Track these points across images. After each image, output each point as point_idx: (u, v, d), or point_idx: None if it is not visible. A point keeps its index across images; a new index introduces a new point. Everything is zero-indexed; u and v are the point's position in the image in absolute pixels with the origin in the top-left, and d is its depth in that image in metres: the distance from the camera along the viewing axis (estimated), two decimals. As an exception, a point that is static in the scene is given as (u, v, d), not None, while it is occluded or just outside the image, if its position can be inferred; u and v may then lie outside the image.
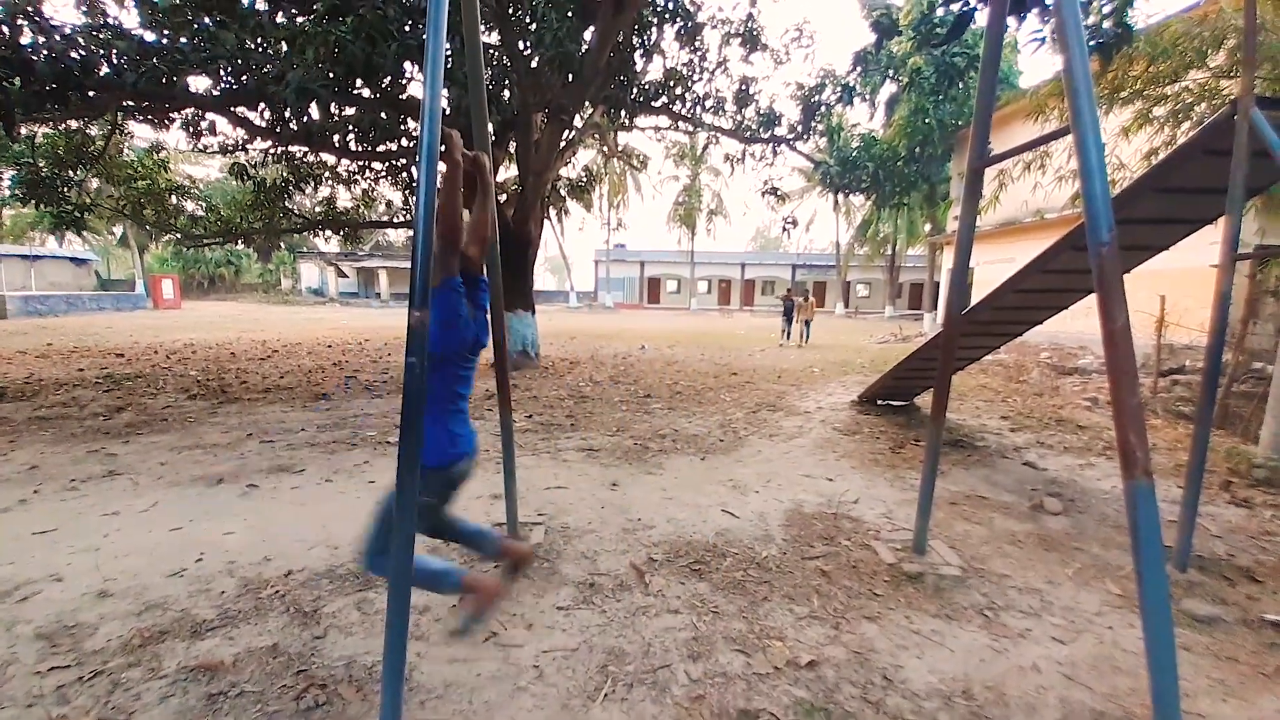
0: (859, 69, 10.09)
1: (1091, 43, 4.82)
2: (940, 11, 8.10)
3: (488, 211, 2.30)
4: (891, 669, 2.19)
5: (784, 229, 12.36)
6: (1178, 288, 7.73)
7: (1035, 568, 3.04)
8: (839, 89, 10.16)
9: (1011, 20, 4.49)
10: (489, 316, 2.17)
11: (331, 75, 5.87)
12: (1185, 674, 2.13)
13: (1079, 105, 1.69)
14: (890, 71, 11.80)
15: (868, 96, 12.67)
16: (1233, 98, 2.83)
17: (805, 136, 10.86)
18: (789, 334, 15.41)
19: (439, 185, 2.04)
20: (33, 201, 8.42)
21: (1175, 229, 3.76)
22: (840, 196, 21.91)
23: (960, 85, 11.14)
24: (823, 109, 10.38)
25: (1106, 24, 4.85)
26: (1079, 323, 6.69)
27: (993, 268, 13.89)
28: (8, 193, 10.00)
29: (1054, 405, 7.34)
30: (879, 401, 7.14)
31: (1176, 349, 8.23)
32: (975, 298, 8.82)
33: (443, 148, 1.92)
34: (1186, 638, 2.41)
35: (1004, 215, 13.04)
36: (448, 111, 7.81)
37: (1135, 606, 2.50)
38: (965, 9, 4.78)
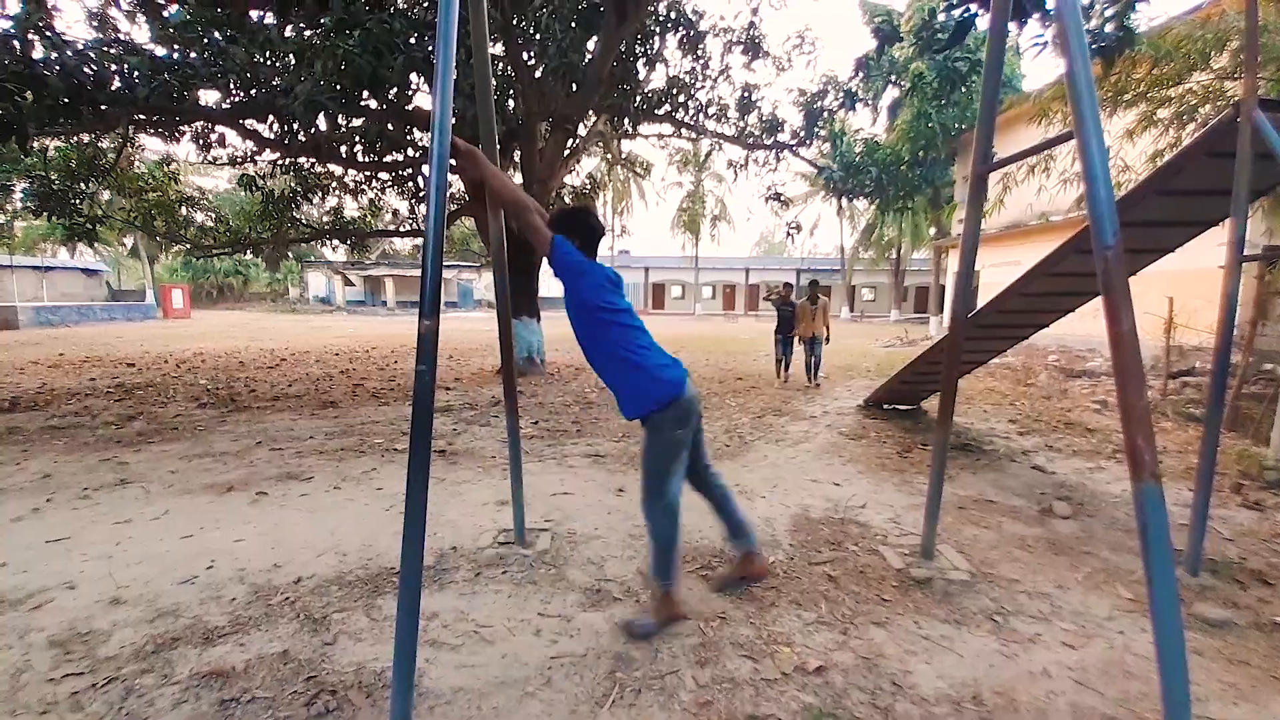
0: (861, 74, 10.14)
1: (1094, 46, 4.83)
2: (942, 17, 8.13)
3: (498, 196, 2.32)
4: (900, 674, 2.18)
5: (788, 234, 12.39)
6: (1186, 289, 7.68)
7: (1045, 572, 3.03)
8: (841, 95, 10.20)
9: (1013, 25, 4.51)
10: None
11: (339, 88, 5.94)
12: (1196, 678, 2.11)
13: (1081, 110, 1.70)
14: (892, 77, 11.84)
15: (870, 101, 12.67)
16: (1235, 100, 2.83)
17: (808, 142, 10.90)
18: (788, 363, 9.18)
19: (485, 181, 2.07)
20: (45, 214, 8.55)
21: (1180, 231, 3.75)
22: (844, 201, 21.95)
23: (963, 89, 11.16)
24: (825, 115, 10.42)
25: (1109, 27, 4.86)
26: (1087, 325, 6.66)
27: (998, 271, 13.85)
28: (20, 205, 10.16)
29: (1062, 408, 7.30)
30: (885, 406, 7.12)
31: (1186, 351, 8.18)
32: (981, 301, 8.80)
33: (453, 161, 1.96)
34: (1198, 642, 2.39)
35: (1008, 219, 13.01)
36: (454, 122, 7.88)
37: (1146, 610, 2.48)
38: (966, 14, 4.80)
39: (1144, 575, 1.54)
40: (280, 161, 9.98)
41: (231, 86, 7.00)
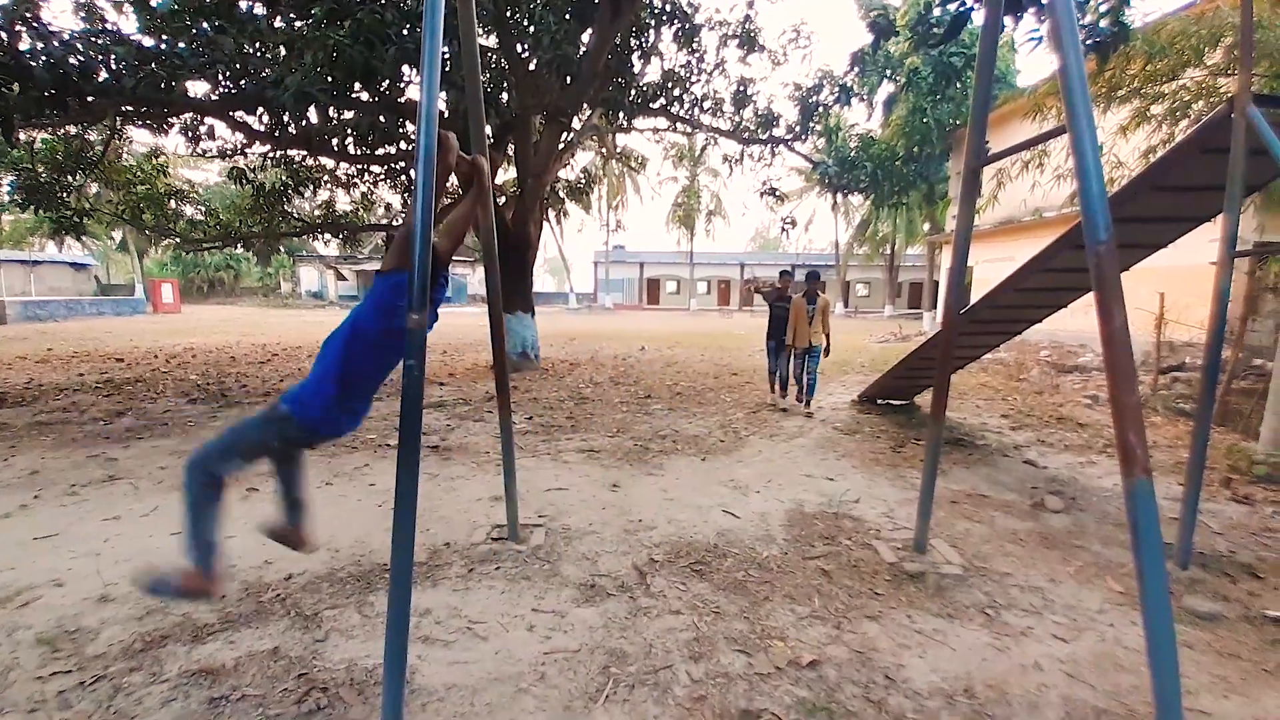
0: (856, 69, 10.09)
1: (1088, 42, 4.82)
2: (937, 11, 8.11)
3: (473, 211, 2.28)
4: (893, 668, 2.19)
5: (783, 229, 12.37)
6: (1177, 285, 7.73)
7: (1037, 566, 3.04)
8: (837, 89, 10.17)
9: (1008, 20, 4.49)
10: (439, 310, 2.13)
11: (330, 79, 5.87)
12: (1187, 671, 2.13)
13: (1074, 106, 1.69)
14: (888, 71, 11.82)
15: (865, 96, 12.65)
16: (1230, 95, 2.83)
17: (803, 137, 10.87)
18: (785, 376, 7.06)
19: (470, 194, 2.05)
20: (32, 207, 8.42)
21: (1173, 227, 3.77)
22: (839, 196, 21.95)
23: (958, 85, 11.13)
24: (820, 109, 10.39)
25: (1103, 23, 4.85)
26: (1078, 320, 6.69)
27: (991, 266, 13.90)
28: (7, 198, 10.00)
29: (1054, 403, 7.34)
30: (879, 401, 7.14)
31: (1176, 346, 8.23)
32: (974, 296, 8.83)
33: (442, 152, 1.93)
34: (1188, 635, 2.41)
35: (1002, 214, 13.05)
36: (446, 114, 7.82)
37: (1137, 604, 2.50)
38: (962, 9, 4.78)
39: (1135, 569, 1.54)
40: (271, 154, 9.86)
41: (220, 77, 6.89)
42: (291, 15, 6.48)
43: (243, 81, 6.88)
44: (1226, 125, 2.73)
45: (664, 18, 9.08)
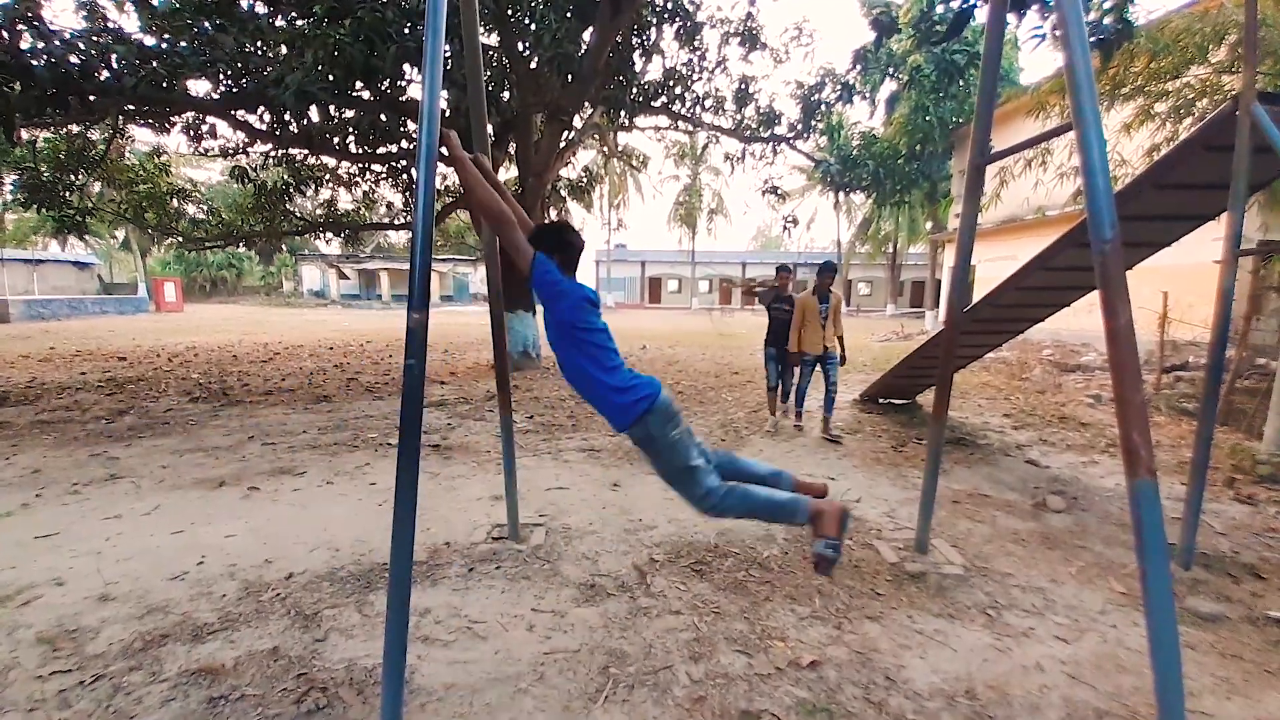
0: (859, 67, 10.08)
1: (1092, 39, 4.80)
2: (940, 9, 8.08)
3: (510, 201, 2.30)
4: (894, 669, 2.18)
5: (785, 228, 12.35)
6: (1181, 284, 7.70)
7: (1038, 566, 3.03)
8: (839, 87, 10.15)
9: (1011, 17, 4.47)
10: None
11: (331, 78, 5.87)
12: (1190, 672, 2.12)
13: (1081, 102, 1.68)
14: (890, 69, 11.77)
15: (867, 94, 12.60)
16: (1234, 93, 2.81)
17: (805, 135, 10.85)
18: (787, 390, 6.11)
19: (462, 183, 2.05)
20: (35, 206, 8.44)
21: (1177, 225, 3.75)
22: (841, 195, 21.89)
23: (961, 83, 11.11)
24: (822, 107, 10.37)
25: (1108, 20, 4.83)
26: (1081, 319, 6.67)
27: (994, 265, 13.86)
28: (10, 197, 10.03)
29: (1056, 402, 7.32)
30: (881, 400, 7.12)
31: (1180, 345, 8.20)
32: (977, 295, 8.80)
33: (442, 149, 1.93)
34: (1191, 636, 2.40)
35: (1005, 213, 13.01)
36: (447, 113, 7.81)
37: (1139, 605, 2.49)
38: (965, 6, 4.77)
39: (1137, 569, 1.53)
40: (272, 153, 9.87)
41: (221, 76, 6.91)
42: (292, 14, 6.49)
43: (244, 80, 6.89)
44: (1231, 123, 2.71)
45: (665, 15, 9.07)
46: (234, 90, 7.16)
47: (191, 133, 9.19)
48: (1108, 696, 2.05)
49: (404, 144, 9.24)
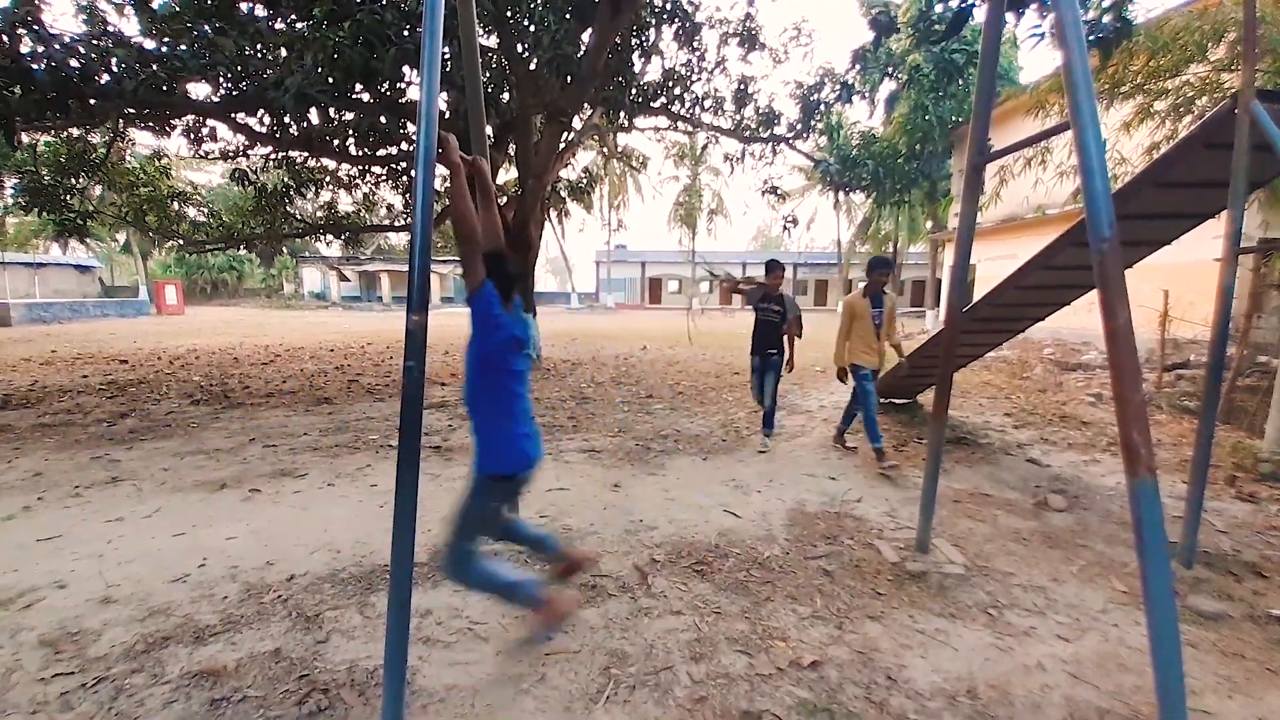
0: (858, 67, 10.07)
1: (1091, 38, 4.80)
2: (939, 8, 8.08)
3: (492, 213, 2.32)
4: (895, 668, 2.18)
5: (784, 228, 12.34)
6: (1182, 282, 7.69)
7: (1039, 565, 3.03)
8: (838, 87, 10.14)
9: (1010, 16, 4.47)
10: (526, 314, 2.21)
11: (330, 80, 5.87)
12: (1191, 671, 2.12)
13: (1078, 102, 1.68)
14: (889, 69, 11.77)
15: (867, 94, 12.60)
16: (1233, 91, 2.81)
17: (805, 135, 10.85)
18: (772, 411, 5.30)
19: (450, 190, 2.07)
20: (36, 209, 8.46)
21: (1177, 224, 3.74)
22: (841, 195, 21.87)
23: (960, 82, 11.10)
24: (822, 107, 10.37)
25: (1106, 18, 4.82)
26: (1082, 318, 6.66)
27: (994, 264, 13.85)
28: (11, 201, 10.04)
29: (1057, 401, 7.31)
30: (881, 400, 7.11)
31: (1181, 343, 8.19)
32: (977, 295, 8.80)
33: (440, 151, 1.93)
34: (1192, 634, 2.40)
35: (1005, 212, 13.00)
36: (447, 115, 7.82)
37: (1141, 603, 2.49)
38: (963, 5, 4.76)
39: (1139, 568, 1.53)
40: (272, 155, 9.88)
41: (221, 79, 6.91)
42: (292, 17, 6.49)
43: (243, 83, 6.90)
44: (1230, 121, 2.71)
45: (664, 16, 9.07)
46: (234, 93, 7.17)
47: (192, 136, 9.19)
48: (1109, 695, 2.05)
49: (404, 146, 9.24)
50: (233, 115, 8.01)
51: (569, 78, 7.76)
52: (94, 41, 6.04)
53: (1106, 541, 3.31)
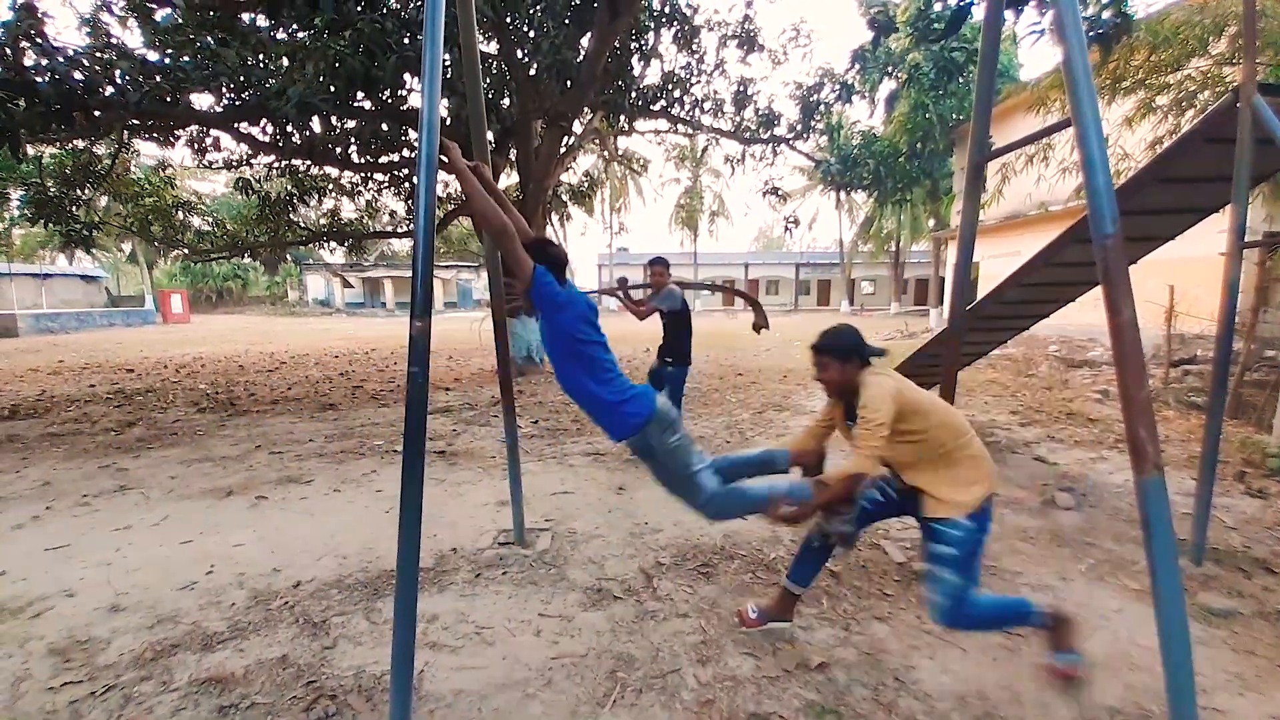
0: (857, 67, 10.08)
1: (1091, 33, 4.78)
2: (938, 6, 8.08)
3: (512, 211, 2.33)
4: (903, 670, 2.17)
5: (786, 228, 12.34)
6: (1187, 277, 7.65)
7: (1048, 564, 3.01)
8: (838, 87, 10.15)
9: (1009, 13, 4.47)
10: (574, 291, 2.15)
11: (332, 89, 5.91)
12: (1202, 669, 2.10)
13: (1079, 98, 1.67)
14: (889, 68, 11.77)
15: (867, 94, 12.60)
16: (1235, 85, 2.80)
17: (805, 135, 10.85)
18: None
19: (463, 192, 2.08)
20: (42, 220, 8.52)
21: (1180, 219, 3.73)
22: (842, 194, 21.84)
23: (960, 80, 11.09)
24: (822, 108, 10.38)
25: (1105, 14, 4.81)
26: (1087, 315, 6.61)
27: (997, 262, 13.81)
28: (17, 212, 10.13)
29: (1064, 399, 7.27)
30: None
31: (1187, 339, 8.14)
32: (981, 292, 8.77)
33: (443, 159, 1.94)
34: (1202, 632, 2.38)
35: (1007, 209, 12.96)
36: (448, 121, 7.85)
37: (1150, 601, 2.47)
38: (962, 4, 4.76)
39: (1147, 566, 1.52)
40: (276, 164, 9.94)
41: (224, 90, 6.96)
42: (293, 26, 6.54)
43: (246, 93, 6.95)
44: (1232, 115, 2.70)
45: (663, 19, 9.10)
46: (237, 103, 7.23)
47: (195, 146, 9.27)
48: (1120, 694, 2.03)
49: (405, 152, 9.29)
50: (236, 125, 8.06)
51: (569, 82, 7.79)
52: (98, 54, 6.10)
53: (1115, 539, 3.29)
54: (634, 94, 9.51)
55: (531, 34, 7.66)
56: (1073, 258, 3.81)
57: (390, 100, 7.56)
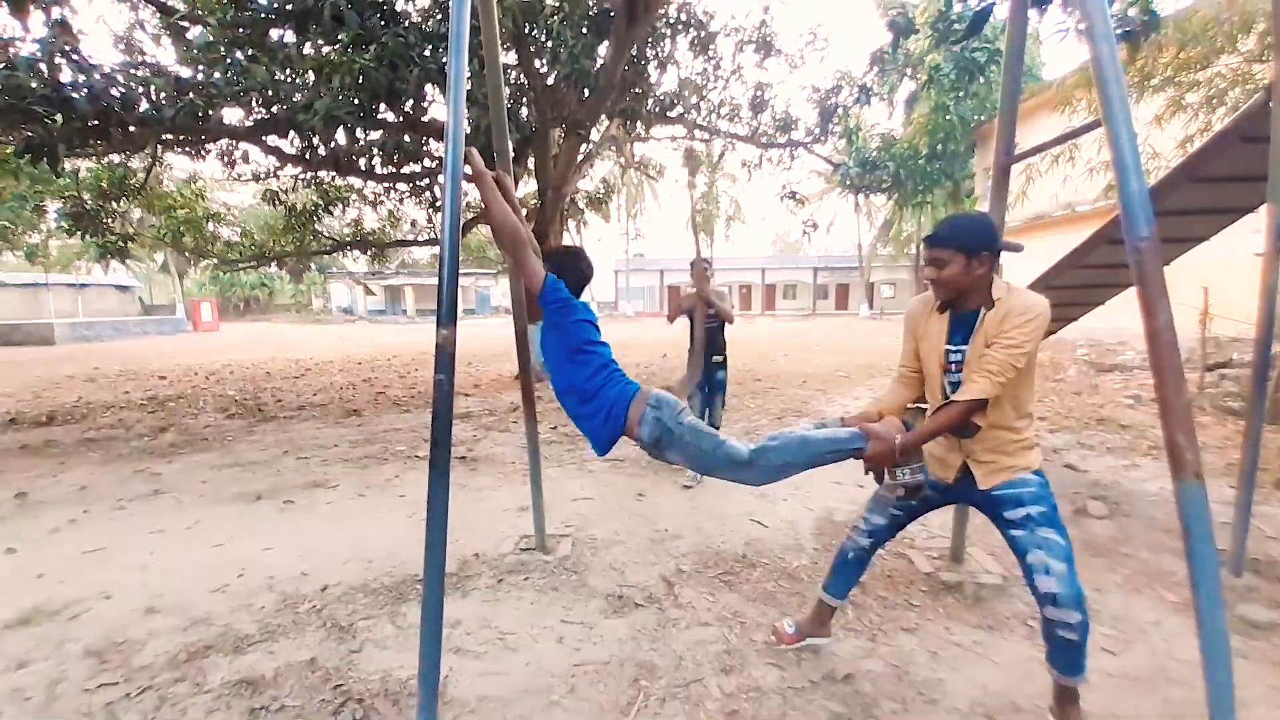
0: (876, 69, 10.01)
1: (1118, 32, 4.69)
2: (959, 7, 7.99)
3: (524, 224, 2.35)
4: (932, 682, 2.13)
5: (804, 232, 12.27)
6: (1222, 278, 7.42)
7: (1081, 575, 2.89)
8: (856, 90, 10.09)
9: (1033, 12, 4.40)
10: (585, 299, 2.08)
11: (356, 102, 6.04)
12: (1242, 682, 2.02)
13: (1109, 98, 1.64)
14: (908, 70, 11.68)
15: (885, 96, 12.52)
16: (1266, 84, 2.73)
17: (823, 139, 10.80)
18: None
19: (482, 199, 2.08)
20: (79, 232, 8.83)
21: (1215, 219, 3.63)
22: (861, 197, 21.66)
23: (981, 80, 10.96)
24: (840, 111, 10.32)
25: (1132, 11, 4.72)
26: (1117, 317, 6.45)
27: (1023, 264, 13.53)
28: (55, 225, 10.51)
29: (1094, 404, 7.09)
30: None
31: (1223, 342, 7.90)
32: (1005, 296, 8.58)
33: (466, 166, 1.97)
34: (1242, 645, 2.29)
35: (1032, 211, 12.72)
36: (468, 131, 7.96)
37: (1188, 613, 2.39)
38: (984, 4, 4.70)
39: (1186, 577, 1.48)
40: (301, 176, 10.18)
41: (253, 104, 7.16)
42: (320, 42, 6.70)
43: (274, 107, 7.13)
44: (1265, 113, 2.62)
45: (680, 26, 9.13)
46: (265, 117, 7.42)
47: (225, 159, 9.53)
48: (1157, 709, 1.97)
49: (426, 162, 9.44)
50: (264, 138, 8.28)
51: (587, 91, 7.86)
52: (133, 71, 6.31)
53: (1151, 549, 3.20)
54: (651, 101, 9.56)
55: (549, 44, 7.74)
56: (1103, 259, 3.74)
57: (412, 112, 7.70)
